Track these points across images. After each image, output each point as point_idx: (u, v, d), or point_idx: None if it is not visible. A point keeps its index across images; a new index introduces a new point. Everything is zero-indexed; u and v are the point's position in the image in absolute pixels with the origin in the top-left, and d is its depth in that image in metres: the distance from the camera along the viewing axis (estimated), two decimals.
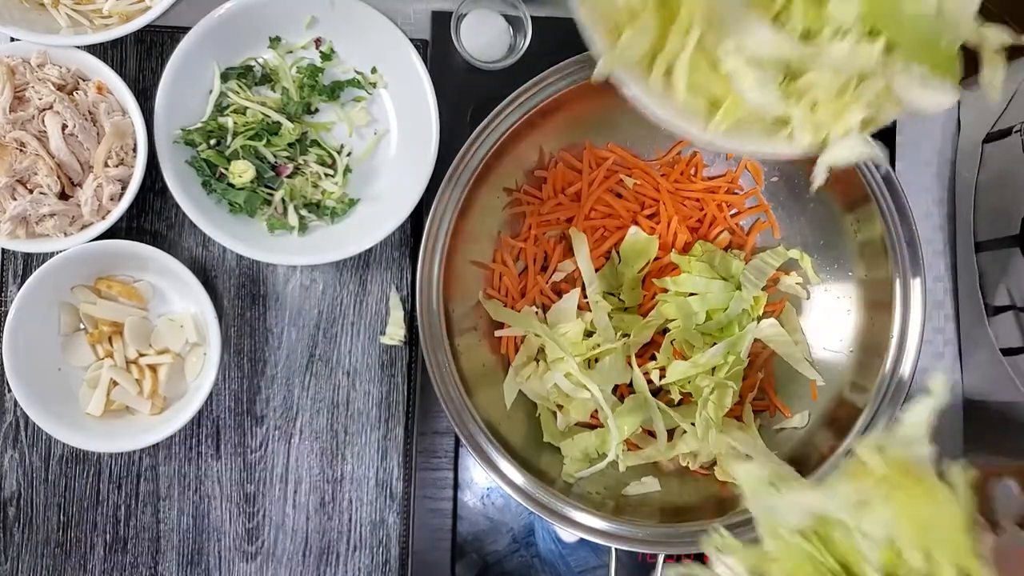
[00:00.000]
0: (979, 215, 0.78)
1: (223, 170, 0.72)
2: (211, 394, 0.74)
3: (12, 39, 0.69)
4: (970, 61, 0.47)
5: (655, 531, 0.65)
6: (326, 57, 0.75)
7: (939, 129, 0.82)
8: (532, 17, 0.73)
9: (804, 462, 0.68)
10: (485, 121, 0.66)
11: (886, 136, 0.79)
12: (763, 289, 0.73)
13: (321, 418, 0.77)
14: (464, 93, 0.75)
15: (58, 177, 0.70)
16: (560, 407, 0.72)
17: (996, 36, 0.46)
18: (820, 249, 0.74)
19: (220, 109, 0.73)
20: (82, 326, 0.75)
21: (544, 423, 0.72)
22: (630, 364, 0.71)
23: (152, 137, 0.70)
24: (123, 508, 0.76)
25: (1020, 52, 0.45)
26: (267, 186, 0.73)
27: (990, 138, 0.77)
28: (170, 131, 0.71)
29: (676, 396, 0.72)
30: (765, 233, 0.76)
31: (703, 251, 0.74)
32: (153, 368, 0.74)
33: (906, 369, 0.67)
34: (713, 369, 0.71)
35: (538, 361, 0.73)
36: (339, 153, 0.75)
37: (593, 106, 0.69)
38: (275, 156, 0.73)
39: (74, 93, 0.71)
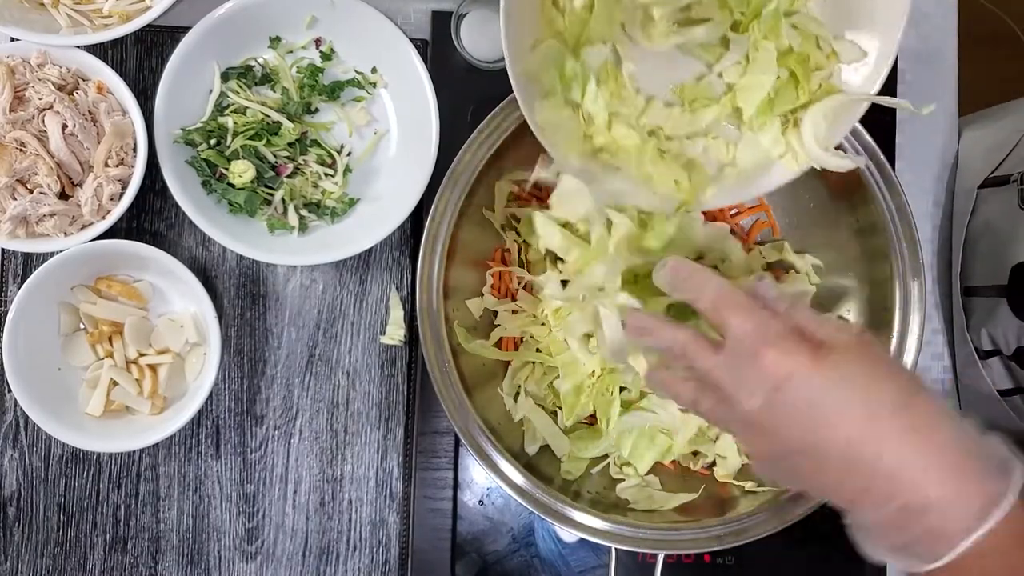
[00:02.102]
0: (970, 260, 0.77)
1: (223, 170, 0.72)
2: (211, 394, 0.74)
3: (12, 39, 0.69)
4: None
5: (655, 531, 0.64)
6: (326, 57, 0.75)
7: (939, 130, 0.82)
8: None
9: None
10: (485, 121, 0.66)
11: (886, 136, 0.79)
12: None
13: (321, 418, 0.77)
14: (464, 93, 0.75)
15: (58, 177, 0.70)
16: (559, 408, 0.72)
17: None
18: (820, 249, 0.74)
19: (220, 109, 0.73)
20: (82, 326, 0.75)
21: (528, 430, 0.71)
22: None
23: (152, 137, 0.70)
24: (123, 508, 0.76)
25: None
26: (267, 186, 0.73)
27: (987, 183, 0.76)
28: (170, 131, 0.71)
29: None
30: (764, 233, 0.76)
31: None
32: (153, 368, 0.74)
33: None
34: None
35: (535, 362, 0.73)
36: (339, 153, 0.75)
37: None
38: (275, 156, 0.73)
39: (74, 93, 0.71)
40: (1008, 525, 0.39)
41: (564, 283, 0.68)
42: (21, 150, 0.69)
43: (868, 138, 0.66)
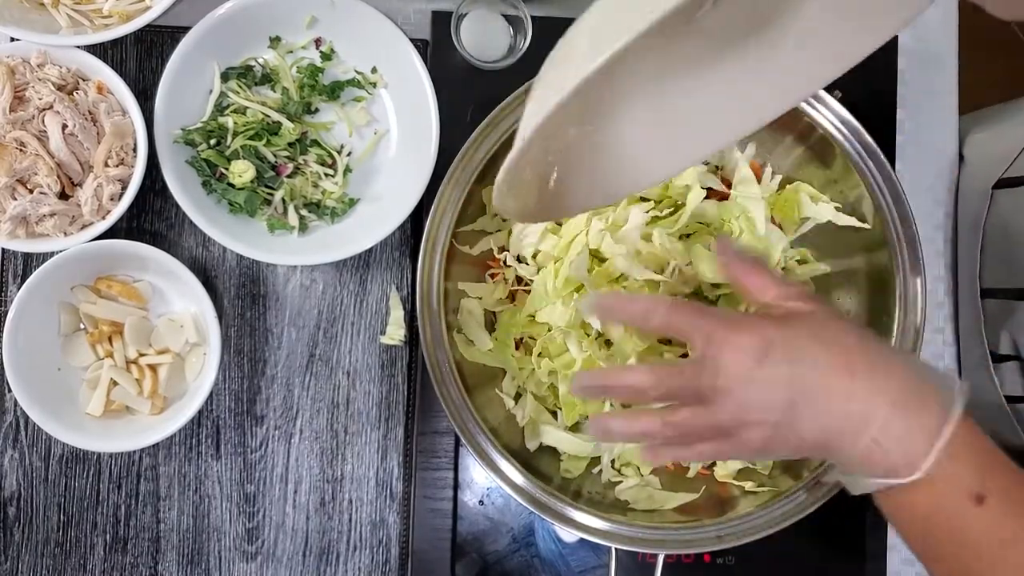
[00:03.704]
0: (986, 261, 0.76)
1: (223, 170, 0.72)
2: (211, 394, 0.74)
3: (12, 39, 0.69)
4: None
5: (655, 531, 0.64)
6: (326, 57, 0.75)
7: (940, 128, 0.82)
8: (532, 17, 0.73)
9: (802, 461, 0.68)
10: (485, 121, 0.66)
11: (886, 135, 0.79)
12: None
13: (321, 418, 0.77)
14: (464, 93, 0.75)
15: (58, 177, 0.70)
16: (560, 408, 0.72)
17: None
18: (819, 249, 0.74)
19: (220, 109, 0.73)
20: (82, 326, 0.75)
21: (529, 427, 0.71)
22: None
23: (152, 137, 0.70)
24: (123, 508, 0.76)
25: None
26: (267, 186, 0.73)
27: (1001, 184, 0.75)
28: (170, 131, 0.71)
29: None
30: None
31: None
32: (153, 368, 0.74)
33: None
34: None
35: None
36: (339, 153, 0.75)
37: None
38: (275, 156, 0.73)
39: (74, 93, 0.71)
40: (958, 439, 0.44)
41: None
42: (21, 150, 0.69)
43: (868, 138, 0.66)
